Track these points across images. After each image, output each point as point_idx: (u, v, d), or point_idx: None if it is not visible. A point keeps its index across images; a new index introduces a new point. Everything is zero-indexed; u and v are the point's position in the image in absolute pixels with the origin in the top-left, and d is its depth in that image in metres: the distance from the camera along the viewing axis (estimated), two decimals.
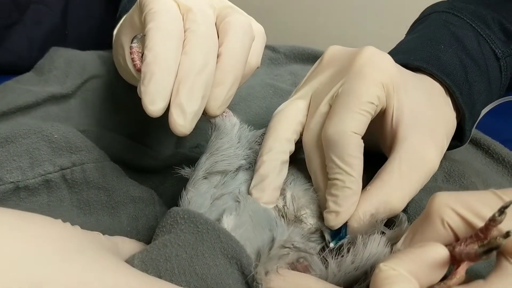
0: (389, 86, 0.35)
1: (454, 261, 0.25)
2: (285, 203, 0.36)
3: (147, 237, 0.39)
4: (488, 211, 0.25)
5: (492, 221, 0.24)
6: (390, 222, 0.36)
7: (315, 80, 0.39)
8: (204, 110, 0.35)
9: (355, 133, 0.33)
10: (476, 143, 0.47)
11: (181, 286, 0.28)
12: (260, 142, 0.38)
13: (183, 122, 0.32)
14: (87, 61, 0.59)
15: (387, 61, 0.36)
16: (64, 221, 0.39)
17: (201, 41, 0.34)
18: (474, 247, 0.24)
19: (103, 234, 0.39)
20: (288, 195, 0.36)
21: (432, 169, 0.35)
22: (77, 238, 0.27)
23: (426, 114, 0.37)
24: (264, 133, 0.38)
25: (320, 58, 0.40)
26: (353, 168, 0.33)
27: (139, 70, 0.35)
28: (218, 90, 0.34)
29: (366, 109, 0.34)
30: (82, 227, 0.40)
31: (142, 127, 0.52)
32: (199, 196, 0.34)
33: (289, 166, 0.38)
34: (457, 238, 0.27)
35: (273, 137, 0.36)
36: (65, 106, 0.55)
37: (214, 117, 0.37)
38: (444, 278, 0.26)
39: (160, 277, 0.29)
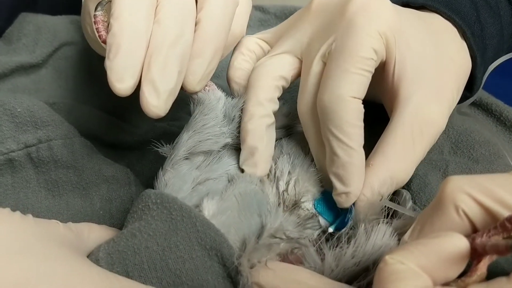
0: (389, 36, 0.31)
1: (473, 255, 0.21)
2: (287, 188, 0.32)
3: (121, 221, 0.35)
4: None
5: None
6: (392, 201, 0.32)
7: (301, 32, 0.34)
8: (182, 86, 0.31)
9: (354, 98, 0.29)
10: (487, 109, 0.43)
11: (151, 282, 0.25)
12: (241, 107, 0.34)
13: (156, 102, 0.28)
14: (58, 27, 0.55)
15: (385, 6, 0.31)
16: (29, 204, 0.36)
17: (175, 7, 0.30)
18: (499, 239, 0.20)
19: (74, 218, 0.36)
20: (292, 180, 0.32)
21: (439, 130, 0.32)
22: (27, 232, 0.24)
23: (432, 67, 0.33)
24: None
25: (306, 6, 0.35)
26: (352, 138, 0.29)
27: (104, 42, 0.30)
28: (197, 63, 0.30)
29: (364, 67, 0.30)
30: (50, 211, 0.37)
31: (119, 99, 0.47)
32: (179, 178, 0.30)
33: (289, 140, 0.34)
34: (474, 229, 0.23)
35: (253, 100, 0.33)
36: (35, 76, 0.51)
37: (194, 93, 0.33)
38: (462, 274, 0.22)
39: (127, 272, 0.25)
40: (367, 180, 0.30)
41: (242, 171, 0.33)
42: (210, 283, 0.25)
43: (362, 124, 0.30)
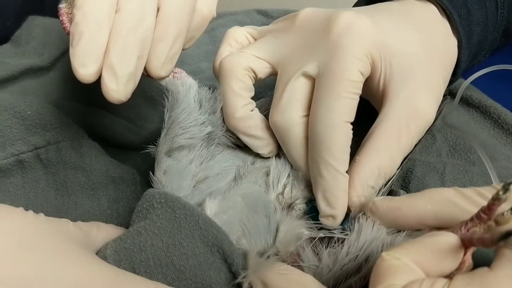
0: (374, 54, 0.32)
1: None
2: (283, 191, 0.32)
3: (128, 220, 0.36)
4: None
5: (496, 200, 0.22)
6: None
7: (282, 42, 0.34)
8: (147, 72, 0.32)
9: (346, 122, 0.30)
10: (485, 112, 0.44)
11: (157, 278, 0.26)
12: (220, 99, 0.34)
13: (115, 87, 0.29)
14: None
15: (366, 26, 0.32)
16: (38, 204, 0.37)
17: None
18: (481, 231, 0.22)
19: (82, 217, 0.37)
20: (290, 184, 0.33)
21: (427, 122, 0.32)
22: (38, 229, 0.25)
23: (419, 63, 0.33)
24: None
25: (291, 17, 0.36)
26: (340, 163, 0.30)
27: (69, 34, 0.31)
28: (159, 46, 0.31)
29: (354, 91, 0.30)
30: (59, 210, 0.38)
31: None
32: (174, 174, 0.31)
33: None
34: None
35: (231, 93, 0.33)
36: (44, 79, 0.52)
37: (160, 78, 0.33)
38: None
39: (134, 269, 0.26)
40: (354, 175, 0.30)
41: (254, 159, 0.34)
42: (213, 278, 0.26)
43: (349, 150, 0.31)
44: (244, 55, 0.34)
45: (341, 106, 0.30)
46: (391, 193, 0.32)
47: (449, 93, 0.44)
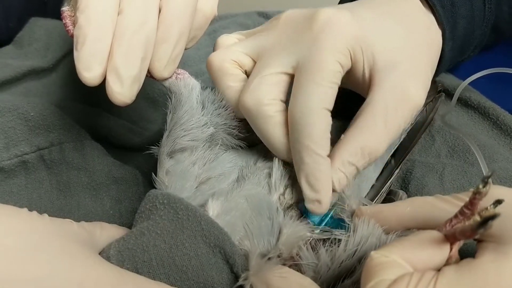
0: (355, 47, 0.32)
1: None
2: (284, 191, 0.33)
3: (130, 220, 0.36)
4: None
5: (477, 194, 0.22)
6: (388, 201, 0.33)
7: (265, 38, 0.35)
8: (151, 73, 0.32)
9: (325, 109, 0.30)
10: (484, 113, 0.44)
11: (160, 278, 0.26)
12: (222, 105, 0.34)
13: (120, 89, 0.29)
14: None
15: (346, 22, 0.32)
16: (42, 204, 0.38)
17: None
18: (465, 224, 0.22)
19: (85, 217, 0.37)
20: (290, 186, 0.33)
21: (415, 107, 0.32)
22: (44, 229, 0.25)
23: (403, 53, 0.33)
24: None
25: (276, 17, 0.36)
26: (320, 147, 0.30)
27: (72, 37, 0.31)
28: (162, 48, 0.31)
29: (332, 80, 0.31)
30: (62, 211, 0.38)
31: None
32: (177, 176, 0.31)
33: None
34: None
35: (229, 90, 0.34)
36: (46, 80, 0.53)
37: (163, 79, 0.33)
38: None
39: (137, 269, 0.26)
40: (336, 152, 0.31)
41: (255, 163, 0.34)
42: (215, 278, 0.27)
43: (329, 136, 0.31)
44: (228, 50, 0.35)
45: (320, 93, 0.30)
46: (390, 193, 0.33)
47: (447, 94, 0.45)
